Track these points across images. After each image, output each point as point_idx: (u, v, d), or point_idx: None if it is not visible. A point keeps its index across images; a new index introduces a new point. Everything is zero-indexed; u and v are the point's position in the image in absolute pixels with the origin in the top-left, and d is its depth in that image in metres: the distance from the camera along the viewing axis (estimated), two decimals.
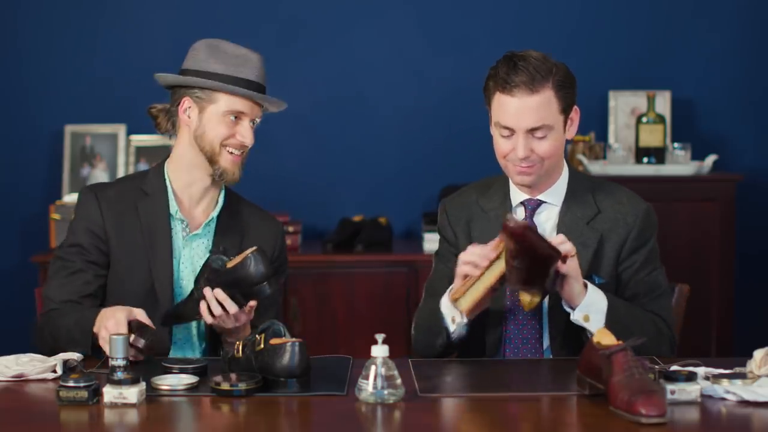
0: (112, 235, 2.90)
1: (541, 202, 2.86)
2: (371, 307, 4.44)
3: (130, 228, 2.91)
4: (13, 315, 4.68)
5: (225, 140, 2.88)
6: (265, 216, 3.07)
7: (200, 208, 2.96)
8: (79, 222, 2.93)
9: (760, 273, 4.90)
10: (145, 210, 2.92)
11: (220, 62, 2.86)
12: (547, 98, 2.72)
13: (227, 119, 2.87)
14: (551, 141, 2.75)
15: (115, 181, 3.05)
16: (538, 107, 2.72)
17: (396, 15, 4.88)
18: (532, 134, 2.74)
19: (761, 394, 2.33)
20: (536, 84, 2.71)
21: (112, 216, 2.91)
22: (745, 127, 4.92)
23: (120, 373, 2.43)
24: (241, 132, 2.89)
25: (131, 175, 3.09)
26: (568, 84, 2.76)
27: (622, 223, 2.82)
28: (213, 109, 2.87)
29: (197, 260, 2.94)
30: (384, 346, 2.37)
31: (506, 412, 2.36)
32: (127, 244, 2.90)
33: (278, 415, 2.35)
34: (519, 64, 2.72)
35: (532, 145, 2.75)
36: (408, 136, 4.90)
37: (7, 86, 4.86)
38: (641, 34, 4.88)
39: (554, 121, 2.74)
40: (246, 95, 2.86)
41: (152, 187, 2.94)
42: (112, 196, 2.93)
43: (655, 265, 2.85)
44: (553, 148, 2.76)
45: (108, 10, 4.85)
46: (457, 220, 2.93)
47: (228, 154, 2.90)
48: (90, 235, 2.90)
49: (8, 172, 4.87)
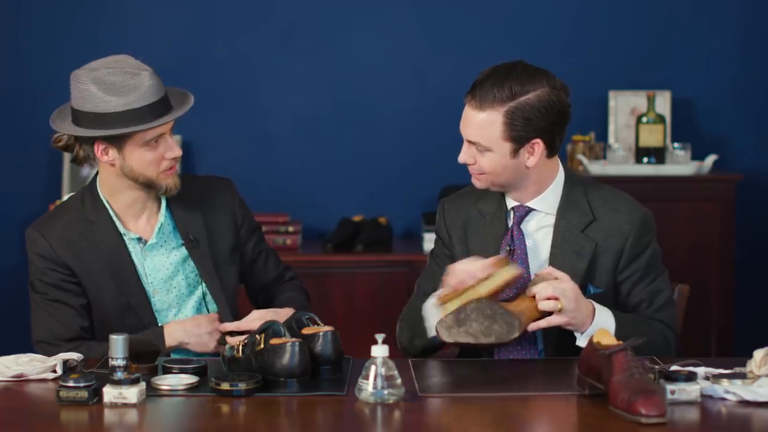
0: (73, 265, 2.88)
1: (531, 209, 2.83)
2: (371, 307, 4.44)
3: (87, 257, 2.89)
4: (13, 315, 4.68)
5: (157, 166, 2.85)
6: (210, 180, 3.06)
7: (144, 218, 2.95)
8: (38, 263, 2.89)
9: (760, 273, 4.89)
10: (95, 238, 2.89)
11: (116, 96, 2.78)
12: (491, 121, 2.70)
13: (149, 146, 2.83)
14: (489, 160, 2.74)
15: (55, 214, 2.97)
16: (479, 124, 2.72)
17: (395, 15, 4.87)
18: (474, 146, 2.75)
19: (761, 394, 2.33)
20: (484, 104, 2.70)
21: (64, 249, 2.88)
22: (745, 127, 4.92)
23: (120, 373, 2.43)
24: (166, 150, 2.85)
25: (67, 204, 2.99)
26: (523, 118, 2.68)
27: (618, 233, 2.79)
28: (131, 145, 2.82)
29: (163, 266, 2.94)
30: (384, 346, 2.37)
31: (506, 412, 2.36)
32: (89, 272, 2.89)
33: (278, 415, 2.35)
34: (489, 79, 2.71)
35: (474, 155, 2.76)
36: (408, 136, 4.90)
37: (8, 86, 4.85)
38: (641, 34, 4.88)
39: (492, 144, 2.72)
40: (157, 125, 2.80)
41: (95, 215, 2.91)
42: (60, 230, 2.89)
43: (657, 273, 2.82)
44: (490, 167, 2.75)
45: (109, 10, 4.84)
46: (454, 222, 2.93)
47: (163, 174, 2.87)
48: (55, 273, 2.88)
49: (8, 172, 4.87)
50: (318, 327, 2.62)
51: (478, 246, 2.85)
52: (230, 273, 3.01)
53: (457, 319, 2.60)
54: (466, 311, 2.60)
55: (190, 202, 2.98)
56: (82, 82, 2.81)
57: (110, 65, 2.82)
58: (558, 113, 2.72)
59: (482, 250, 2.84)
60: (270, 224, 4.60)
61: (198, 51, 4.80)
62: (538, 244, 2.81)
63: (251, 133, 4.88)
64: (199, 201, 2.99)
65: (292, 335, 2.57)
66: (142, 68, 2.82)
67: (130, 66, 2.82)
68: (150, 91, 2.79)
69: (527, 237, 2.81)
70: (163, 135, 2.84)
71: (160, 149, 2.84)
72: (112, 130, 2.78)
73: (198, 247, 2.95)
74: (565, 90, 2.74)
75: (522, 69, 2.73)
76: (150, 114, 2.79)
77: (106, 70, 2.80)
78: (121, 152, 2.83)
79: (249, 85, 4.87)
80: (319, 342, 2.54)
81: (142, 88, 2.79)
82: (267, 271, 3.11)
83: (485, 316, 2.59)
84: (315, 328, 2.60)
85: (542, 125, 2.70)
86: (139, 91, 2.79)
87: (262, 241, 3.12)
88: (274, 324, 2.55)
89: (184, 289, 2.96)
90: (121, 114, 2.78)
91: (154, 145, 2.83)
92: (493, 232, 2.84)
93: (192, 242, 2.95)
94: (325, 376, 2.53)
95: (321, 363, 2.53)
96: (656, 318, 2.79)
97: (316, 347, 2.53)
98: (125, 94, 2.78)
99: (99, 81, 2.80)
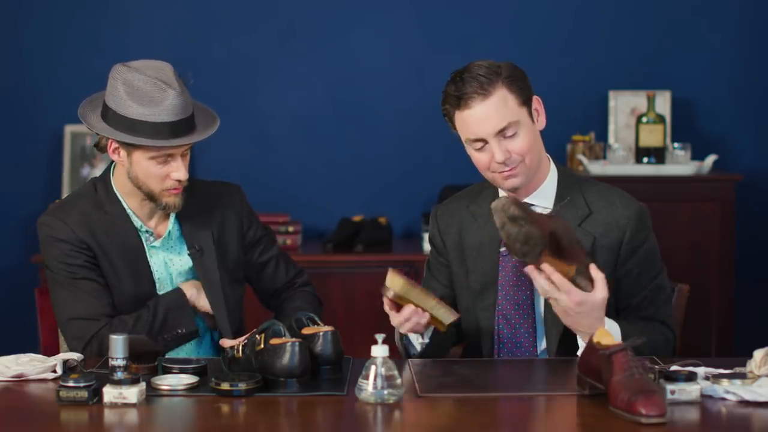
0: (94, 247, 2.87)
1: (530, 205, 2.83)
2: (371, 307, 4.43)
3: (105, 243, 2.88)
4: (13, 315, 4.68)
5: (160, 182, 2.83)
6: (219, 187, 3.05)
7: (154, 222, 2.95)
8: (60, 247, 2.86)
9: (760, 273, 4.89)
10: (111, 227, 2.89)
11: (136, 103, 2.77)
12: (502, 96, 2.72)
13: (156, 161, 2.81)
14: (523, 136, 2.74)
15: (67, 203, 2.94)
16: (497, 108, 2.72)
17: (396, 15, 4.88)
18: (503, 136, 2.73)
19: (761, 394, 2.33)
20: (486, 87, 2.72)
21: (85, 232, 2.87)
22: (745, 127, 4.92)
23: (120, 373, 2.43)
24: (173, 171, 2.83)
25: (76, 196, 2.96)
26: (518, 78, 2.75)
27: (615, 226, 2.79)
28: (139, 154, 2.81)
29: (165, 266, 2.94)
30: (384, 346, 2.38)
31: (506, 412, 2.36)
32: (108, 257, 2.88)
33: (278, 415, 2.35)
34: (464, 77, 2.74)
35: (507, 146, 2.74)
36: (408, 136, 4.90)
37: (8, 86, 4.85)
38: (641, 34, 4.88)
39: (517, 115, 2.73)
40: (158, 146, 2.78)
41: (109, 206, 2.90)
42: (77, 216, 2.88)
43: (656, 269, 2.83)
44: (527, 143, 2.75)
45: (109, 10, 4.85)
46: (448, 228, 2.93)
47: (166, 192, 2.85)
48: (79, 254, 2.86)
49: (8, 172, 4.87)
50: (318, 327, 2.63)
51: (474, 249, 2.86)
52: (235, 288, 3.00)
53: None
54: None
55: (198, 210, 2.97)
56: (115, 78, 2.81)
57: (148, 72, 2.80)
58: (522, 72, 2.79)
59: (478, 252, 2.84)
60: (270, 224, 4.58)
61: (198, 51, 4.81)
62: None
63: (251, 133, 4.88)
64: (207, 208, 2.99)
65: (292, 335, 2.57)
66: (172, 85, 2.79)
67: (164, 79, 2.79)
68: (171, 111, 2.77)
69: None
70: (173, 155, 2.82)
71: (167, 167, 2.82)
72: (120, 134, 2.78)
73: (203, 256, 2.94)
74: None
75: (470, 63, 2.79)
76: (161, 132, 2.77)
77: (140, 75, 2.78)
78: (129, 157, 2.83)
79: (249, 85, 4.87)
80: (319, 342, 2.54)
81: (163, 105, 2.77)
82: (276, 278, 3.09)
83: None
84: (315, 328, 2.61)
85: (526, 83, 2.78)
86: (160, 107, 2.76)
87: (271, 248, 3.10)
88: (274, 324, 2.55)
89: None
90: (135, 122, 2.77)
91: (161, 161, 2.81)
92: (488, 233, 2.84)
93: (197, 251, 2.94)
94: (325, 376, 2.53)
95: (321, 363, 2.53)
96: (657, 318, 2.80)
97: (316, 347, 2.53)
98: (145, 105, 2.77)
99: (128, 83, 2.78)
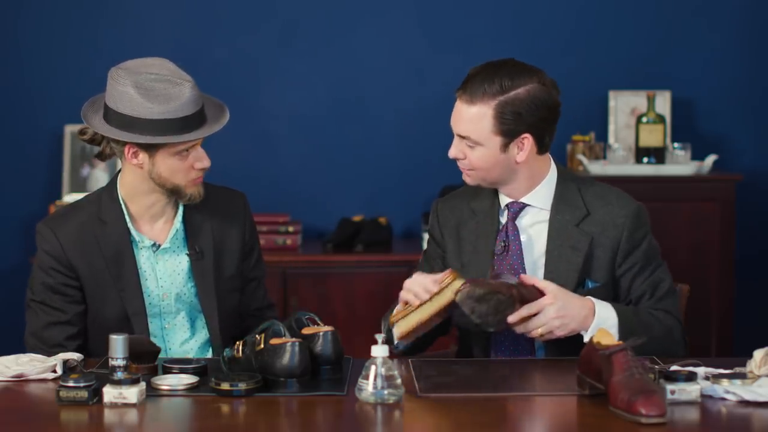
0: (79, 268, 2.86)
1: (525, 205, 2.84)
2: (371, 307, 4.43)
3: (95, 260, 2.87)
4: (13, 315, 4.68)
5: (186, 174, 2.84)
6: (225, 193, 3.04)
7: (161, 222, 2.93)
8: (44, 260, 2.88)
9: (760, 273, 4.89)
10: (105, 240, 2.88)
11: (155, 103, 2.75)
12: (481, 114, 2.73)
13: (180, 156, 2.82)
14: (479, 154, 2.76)
15: (69, 212, 2.94)
16: (470, 118, 2.74)
17: (396, 15, 4.88)
18: (464, 140, 2.76)
19: (761, 394, 2.33)
20: (475, 98, 2.73)
21: (73, 250, 2.86)
22: (745, 127, 4.92)
23: (120, 373, 2.43)
24: (196, 160, 2.84)
25: (83, 202, 2.96)
26: (515, 113, 2.71)
27: (612, 226, 2.80)
28: (162, 153, 2.81)
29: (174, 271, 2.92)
30: (384, 346, 2.38)
31: (506, 412, 2.36)
32: (94, 276, 2.87)
33: (278, 415, 2.35)
34: (480, 74, 2.74)
35: (464, 150, 2.77)
36: (408, 136, 4.90)
37: (8, 86, 4.85)
38: (641, 34, 4.88)
39: (482, 138, 2.74)
40: (190, 140, 2.79)
41: (109, 215, 2.89)
42: (71, 230, 2.87)
43: (656, 265, 2.83)
44: (479, 161, 2.77)
45: (108, 10, 4.85)
46: (447, 221, 2.94)
47: (191, 183, 2.86)
48: (58, 274, 2.87)
49: (8, 172, 4.87)
50: (318, 327, 2.62)
51: (470, 244, 2.87)
52: (232, 295, 2.98)
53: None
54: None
55: (204, 213, 2.96)
56: (122, 84, 2.77)
57: (152, 70, 2.79)
58: (548, 109, 2.75)
59: (474, 248, 2.85)
60: (270, 224, 4.60)
61: (198, 51, 4.80)
62: (532, 239, 2.83)
63: (251, 133, 4.88)
64: (213, 212, 2.97)
65: (292, 335, 2.57)
66: (184, 78, 2.80)
67: (173, 74, 2.79)
68: (189, 103, 2.78)
69: (522, 232, 2.83)
70: (195, 145, 2.83)
71: (190, 159, 2.83)
72: (147, 137, 2.76)
73: (202, 259, 2.93)
74: (555, 87, 2.77)
75: (513, 65, 2.76)
76: (185, 126, 2.77)
77: (148, 75, 2.77)
78: (151, 158, 2.81)
79: (249, 85, 4.87)
80: (319, 342, 2.54)
81: (182, 99, 2.77)
82: (252, 299, 3.05)
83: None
84: (315, 328, 2.61)
85: (532, 120, 2.73)
86: (179, 101, 2.76)
87: (259, 267, 3.06)
88: (274, 324, 2.55)
89: (193, 297, 2.94)
90: (157, 122, 2.76)
91: (185, 155, 2.81)
92: (486, 230, 2.85)
93: (197, 254, 2.92)
94: (325, 376, 2.53)
95: (321, 363, 2.53)
96: (659, 308, 2.79)
97: (316, 347, 2.53)
98: (164, 103, 2.76)
99: (140, 85, 2.76)
